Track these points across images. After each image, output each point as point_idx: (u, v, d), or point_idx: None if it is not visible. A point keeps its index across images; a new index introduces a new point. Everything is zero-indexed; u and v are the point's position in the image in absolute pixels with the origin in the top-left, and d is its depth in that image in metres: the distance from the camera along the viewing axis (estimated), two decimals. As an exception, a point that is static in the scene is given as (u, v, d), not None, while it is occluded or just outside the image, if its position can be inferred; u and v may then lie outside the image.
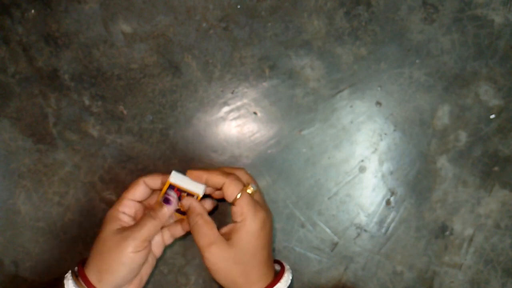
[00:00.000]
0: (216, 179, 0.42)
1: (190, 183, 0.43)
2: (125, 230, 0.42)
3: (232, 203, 0.42)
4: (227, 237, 0.42)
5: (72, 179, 0.50)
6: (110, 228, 0.42)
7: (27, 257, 0.49)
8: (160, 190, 0.45)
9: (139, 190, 0.44)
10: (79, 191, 0.50)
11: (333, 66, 0.50)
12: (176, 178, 0.43)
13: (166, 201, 0.43)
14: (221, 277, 0.42)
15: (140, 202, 0.45)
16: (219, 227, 0.43)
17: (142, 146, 0.50)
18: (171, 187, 0.44)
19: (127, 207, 0.43)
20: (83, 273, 0.41)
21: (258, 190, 0.44)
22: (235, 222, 0.42)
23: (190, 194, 0.44)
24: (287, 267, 0.44)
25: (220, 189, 0.43)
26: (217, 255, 0.41)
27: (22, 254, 0.49)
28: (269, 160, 0.50)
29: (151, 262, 0.45)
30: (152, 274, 0.50)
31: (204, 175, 0.42)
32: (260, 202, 0.44)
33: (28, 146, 0.49)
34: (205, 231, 0.42)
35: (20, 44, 0.49)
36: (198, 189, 0.43)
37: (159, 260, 0.50)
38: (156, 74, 0.50)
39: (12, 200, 0.49)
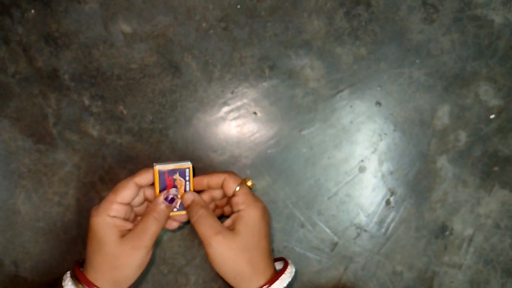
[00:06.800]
0: (216, 178, 0.44)
1: (176, 164, 0.44)
2: (128, 235, 0.41)
3: (233, 195, 0.43)
4: (231, 228, 0.43)
5: (72, 179, 0.50)
6: (109, 237, 0.40)
7: (27, 257, 0.49)
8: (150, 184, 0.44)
9: (130, 192, 0.42)
10: (79, 191, 0.50)
11: (333, 66, 0.50)
12: (160, 165, 0.43)
13: (171, 201, 0.43)
14: (228, 268, 0.41)
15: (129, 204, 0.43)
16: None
17: (142, 146, 0.50)
18: (161, 175, 0.43)
19: (118, 212, 0.41)
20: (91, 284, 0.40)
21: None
22: (237, 211, 0.43)
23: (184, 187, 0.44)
24: (289, 260, 0.45)
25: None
26: (224, 244, 0.41)
27: (22, 254, 0.49)
28: (269, 160, 0.50)
29: None
30: (151, 273, 0.50)
31: (204, 178, 0.44)
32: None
33: (28, 146, 0.49)
34: (210, 221, 0.42)
35: (20, 44, 0.49)
36: (186, 163, 0.44)
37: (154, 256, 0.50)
38: (156, 74, 0.50)
39: (12, 200, 0.49)
